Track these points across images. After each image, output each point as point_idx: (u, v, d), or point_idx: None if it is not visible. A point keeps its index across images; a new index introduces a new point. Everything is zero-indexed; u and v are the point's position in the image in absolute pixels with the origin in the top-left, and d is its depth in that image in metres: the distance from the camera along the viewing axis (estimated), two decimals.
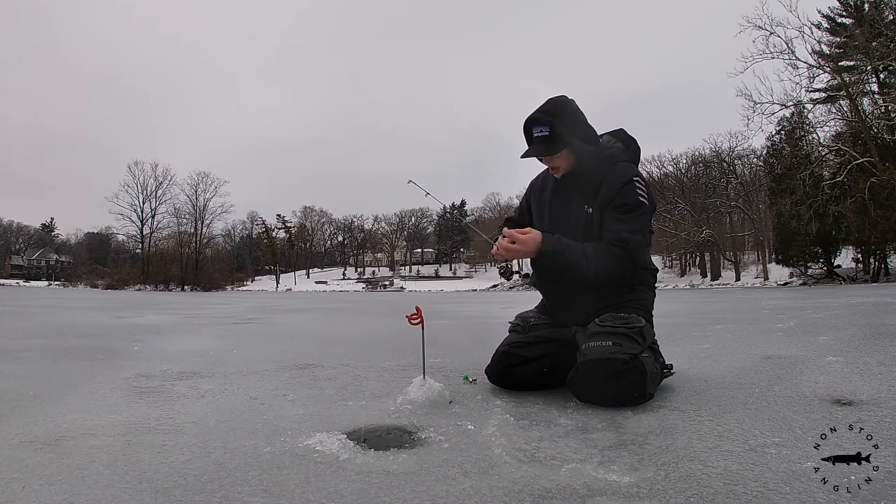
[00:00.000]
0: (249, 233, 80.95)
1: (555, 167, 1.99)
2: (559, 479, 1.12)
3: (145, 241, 56.04)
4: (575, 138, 1.92)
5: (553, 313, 2.10)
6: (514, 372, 2.01)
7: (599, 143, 2.01)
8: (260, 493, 1.07)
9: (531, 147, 1.96)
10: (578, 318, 1.97)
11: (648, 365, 1.77)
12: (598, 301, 1.93)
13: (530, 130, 1.94)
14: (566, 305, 2.03)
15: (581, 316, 1.95)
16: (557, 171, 2.00)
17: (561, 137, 1.90)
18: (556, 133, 1.89)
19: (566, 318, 2.03)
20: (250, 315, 7.89)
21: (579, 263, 1.85)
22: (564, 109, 1.94)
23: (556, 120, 1.90)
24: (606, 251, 1.86)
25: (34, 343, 3.87)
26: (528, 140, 1.97)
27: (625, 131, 2.09)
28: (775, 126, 27.40)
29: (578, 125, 1.95)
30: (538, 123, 1.91)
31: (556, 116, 1.91)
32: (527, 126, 1.95)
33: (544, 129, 1.90)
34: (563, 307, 2.05)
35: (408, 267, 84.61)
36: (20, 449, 1.37)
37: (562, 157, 1.95)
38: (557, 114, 1.91)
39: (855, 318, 4.92)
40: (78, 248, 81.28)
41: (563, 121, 1.90)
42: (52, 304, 11.56)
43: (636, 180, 1.91)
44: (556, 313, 2.09)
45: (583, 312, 1.95)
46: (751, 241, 41.71)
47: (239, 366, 2.76)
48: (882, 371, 2.20)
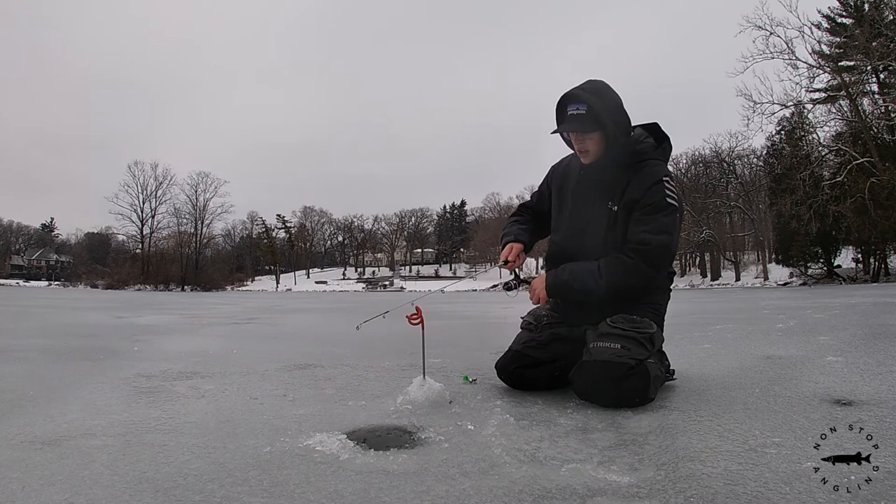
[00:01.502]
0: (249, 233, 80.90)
1: (584, 150, 1.90)
2: (559, 479, 1.12)
3: (145, 241, 56.13)
4: (610, 122, 1.83)
5: (564, 313, 2.07)
6: (526, 373, 1.99)
7: (632, 134, 1.94)
8: (260, 493, 1.07)
9: (564, 123, 1.88)
10: (591, 317, 1.93)
11: (653, 370, 1.75)
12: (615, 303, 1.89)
13: (565, 108, 1.86)
14: (578, 308, 2.00)
15: (593, 316, 1.91)
16: (587, 157, 1.91)
17: (596, 117, 1.82)
18: (593, 112, 1.81)
19: (578, 318, 1.99)
20: (250, 315, 7.89)
21: (589, 286, 1.83)
22: (603, 90, 1.87)
23: (595, 98, 1.82)
24: (619, 263, 1.82)
25: (34, 343, 3.87)
26: (560, 119, 1.90)
27: (659, 126, 2.00)
28: (775, 126, 27.44)
29: (616, 110, 1.87)
30: (576, 100, 1.83)
31: (595, 95, 1.84)
32: (561, 102, 1.87)
33: (581, 106, 1.82)
34: (575, 309, 2.01)
35: (408, 267, 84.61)
36: (20, 449, 1.37)
37: (594, 140, 1.86)
38: (596, 93, 1.85)
39: (855, 318, 4.92)
40: (78, 248, 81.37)
41: (601, 100, 1.83)
42: (51, 304, 11.56)
43: (665, 181, 1.85)
44: (567, 313, 2.06)
45: (595, 313, 1.91)
46: (751, 241, 41.70)
47: (239, 366, 2.76)
48: (882, 371, 2.20)
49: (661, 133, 2.00)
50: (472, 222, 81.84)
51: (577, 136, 1.90)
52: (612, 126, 1.84)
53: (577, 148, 1.93)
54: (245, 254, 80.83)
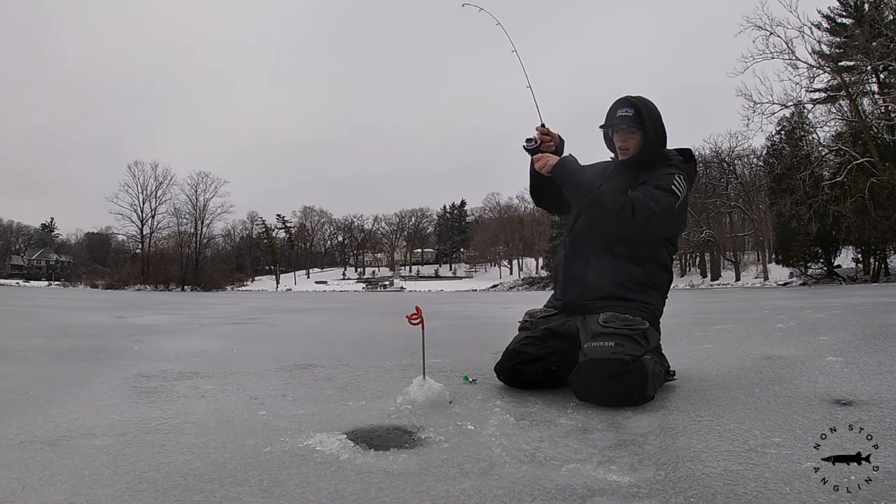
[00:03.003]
0: (249, 233, 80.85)
1: (625, 148, 2.09)
2: (559, 479, 1.12)
3: (145, 241, 56.01)
4: (651, 128, 2.06)
5: (561, 291, 2.12)
6: (523, 370, 2.04)
7: (666, 146, 2.13)
8: (260, 493, 1.07)
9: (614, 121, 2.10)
10: (585, 296, 1.99)
11: (650, 367, 1.78)
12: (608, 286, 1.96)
13: (615, 110, 2.10)
14: (576, 282, 2.04)
15: (589, 295, 1.98)
16: (625, 154, 2.10)
17: (641, 120, 2.05)
18: (640, 115, 2.05)
19: (573, 294, 2.05)
20: (250, 315, 7.89)
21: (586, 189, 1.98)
22: (649, 103, 2.11)
23: (642, 105, 2.07)
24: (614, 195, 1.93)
25: (34, 343, 3.87)
26: (609, 119, 2.12)
27: (691, 151, 2.19)
28: (775, 126, 27.48)
29: (656, 120, 2.08)
30: (626, 104, 2.08)
31: (642, 102, 2.08)
32: (614, 106, 2.11)
33: (629, 109, 2.06)
34: (573, 284, 2.06)
35: (408, 267, 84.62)
36: (20, 449, 1.37)
37: (634, 141, 2.07)
38: (644, 102, 2.09)
39: (855, 318, 4.92)
40: (78, 248, 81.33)
41: (647, 108, 2.08)
42: (51, 304, 11.56)
43: (677, 175, 1.99)
44: (564, 291, 2.11)
45: (591, 292, 1.98)
46: (751, 241, 41.71)
47: (239, 366, 2.76)
48: (882, 371, 2.20)
49: (692, 155, 2.17)
50: (472, 222, 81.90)
51: (621, 134, 2.09)
52: (651, 132, 2.05)
53: (619, 146, 2.11)
54: (245, 254, 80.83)
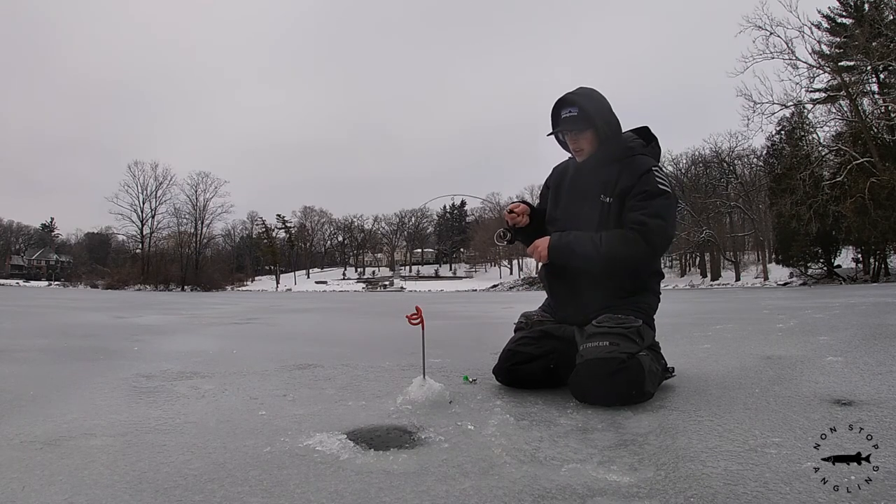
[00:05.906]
0: (249, 233, 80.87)
1: (579, 149, 2.04)
2: (559, 479, 1.12)
3: (145, 241, 56.03)
4: (601, 122, 1.99)
5: (557, 309, 2.12)
6: (520, 370, 2.03)
7: (622, 135, 2.06)
8: (260, 493, 1.07)
9: (559, 125, 2.04)
10: (581, 313, 1.98)
11: (647, 363, 1.78)
12: (602, 299, 1.95)
13: (559, 112, 2.03)
14: (570, 300, 2.05)
15: (584, 311, 1.97)
16: (581, 155, 2.05)
17: (587, 118, 1.98)
18: (584, 113, 1.98)
19: (569, 312, 2.05)
20: (250, 315, 7.89)
21: (589, 252, 1.89)
22: (592, 95, 2.05)
23: (585, 101, 2.00)
24: (619, 235, 1.90)
25: (34, 343, 3.86)
26: (555, 123, 2.06)
27: (649, 129, 2.13)
28: (775, 126, 27.46)
29: (604, 111, 2.02)
30: (567, 104, 2.01)
31: (584, 98, 2.01)
32: (556, 107, 2.04)
33: (573, 109, 1.99)
34: (567, 302, 2.06)
35: (408, 267, 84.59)
36: (20, 449, 1.37)
37: (587, 139, 2.01)
38: (586, 96, 2.02)
39: (855, 318, 4.92)
40: (78, 248, 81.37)
41: (591, 102, 2.00)
42: (51, 304, 11.56)
43: (655, 170, 1.95)
44: (559, 308, 2.11)
45: (586, 308, 1.97)
46: (751, 241, 41.70)
47: (239, 366, 2.75)
48: (882, 371, 2.20)
49: (651, 135, 2.12)
50: (472, 222, 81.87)
51: (571, 136, 2.04)
52: (602, 125, 2.00)
53: (573, 148, 2.07)
54: (245, 254, 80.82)
